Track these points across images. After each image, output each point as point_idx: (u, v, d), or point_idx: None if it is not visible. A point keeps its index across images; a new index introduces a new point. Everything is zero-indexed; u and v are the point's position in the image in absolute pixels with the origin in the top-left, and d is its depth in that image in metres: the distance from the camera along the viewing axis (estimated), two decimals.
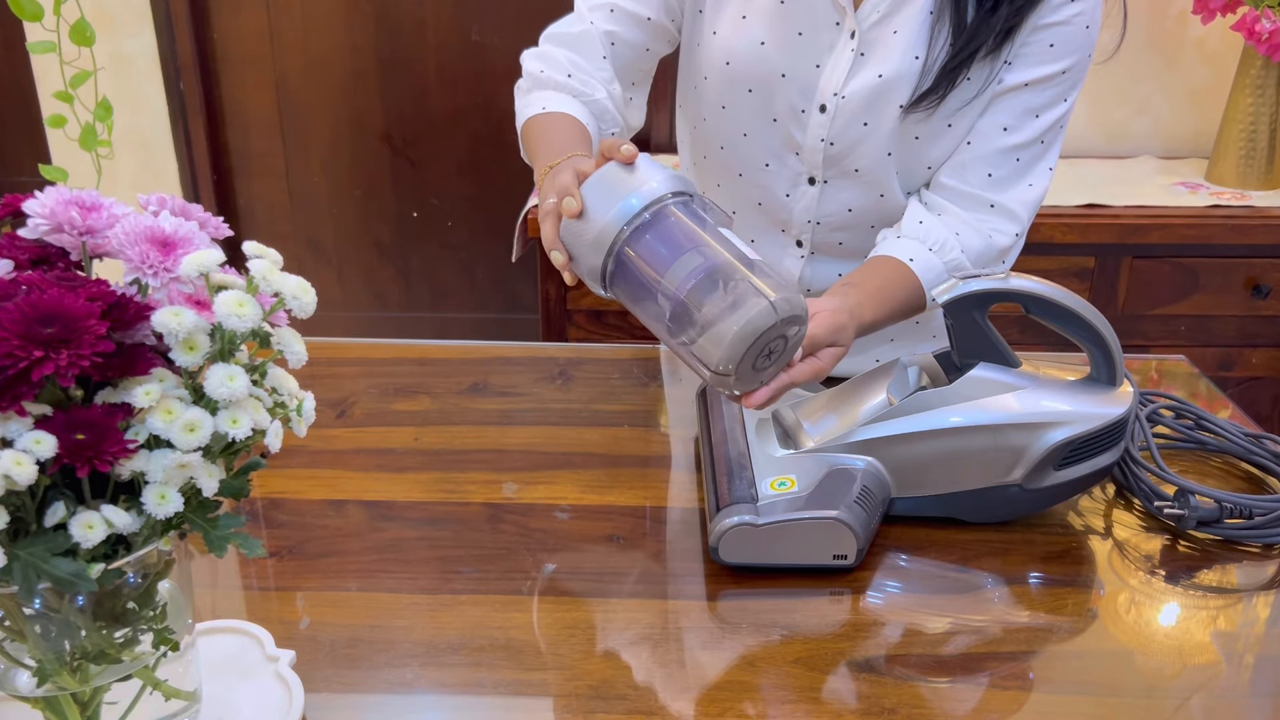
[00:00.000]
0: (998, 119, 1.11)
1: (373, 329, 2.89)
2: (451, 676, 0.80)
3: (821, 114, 1.11)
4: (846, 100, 1.10)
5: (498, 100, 2.65)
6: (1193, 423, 1.12)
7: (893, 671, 0.81)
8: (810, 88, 1.11)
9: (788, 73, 1.10)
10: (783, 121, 1.13)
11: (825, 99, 1.10)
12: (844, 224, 1.18)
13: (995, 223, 1.13)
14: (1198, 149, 2.49)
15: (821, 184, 1.15)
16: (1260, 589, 0.92)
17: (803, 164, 1.15)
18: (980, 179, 1.13)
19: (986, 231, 1.13)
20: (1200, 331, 2.17)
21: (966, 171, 1.13)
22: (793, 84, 1.11)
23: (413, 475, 1.06)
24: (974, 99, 1.09)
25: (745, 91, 1.12)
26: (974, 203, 1.13)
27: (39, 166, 1.18)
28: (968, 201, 1.13)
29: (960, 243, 1.12)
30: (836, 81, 1.10)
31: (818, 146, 1.13)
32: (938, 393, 0.94)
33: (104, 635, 0.62)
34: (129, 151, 2.67)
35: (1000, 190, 1.13)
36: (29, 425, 0.55)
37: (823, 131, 1.12)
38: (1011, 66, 1.09)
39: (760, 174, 1.17)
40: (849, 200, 1.16)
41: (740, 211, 1.21)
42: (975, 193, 1.13)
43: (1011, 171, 1.13)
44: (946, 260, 1.12)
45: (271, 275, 0.63)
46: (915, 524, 0.98)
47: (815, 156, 1.14)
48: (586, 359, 1.30)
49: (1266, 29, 2.08)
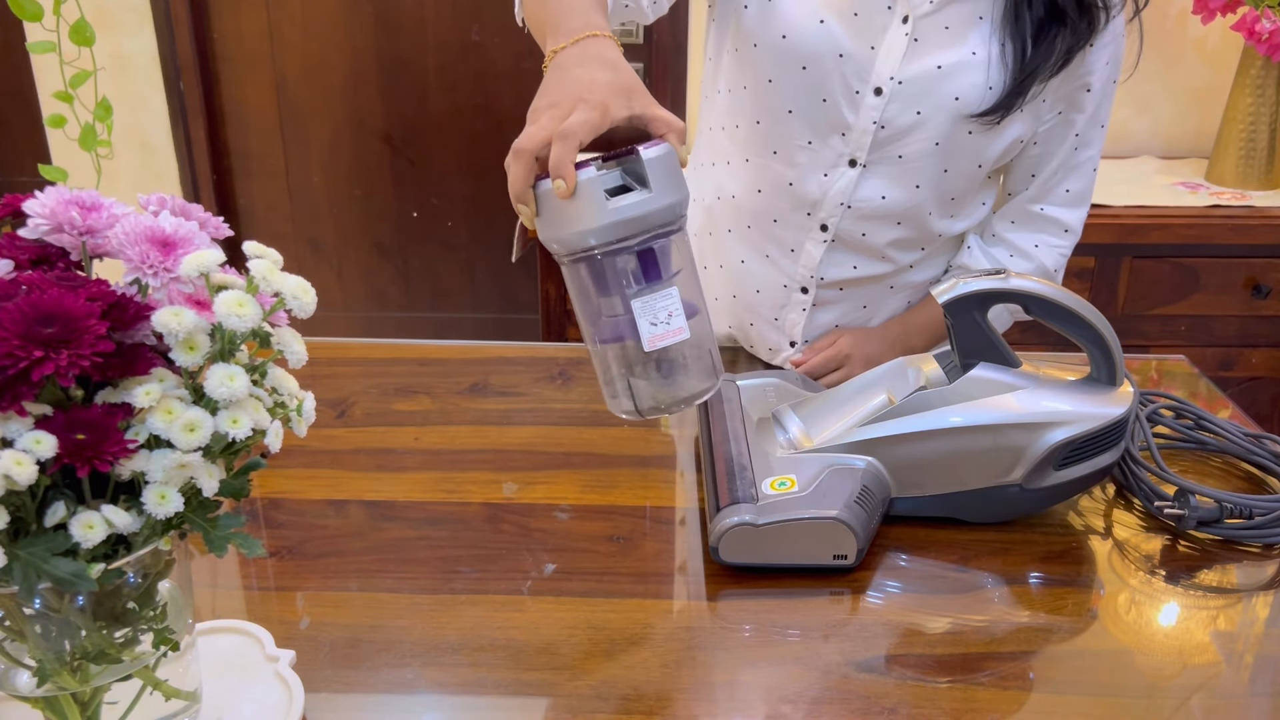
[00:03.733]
0: (1068, 131, 1.17)
1: (373, 329, 2.89)
2: (451, 676, 0.80)
3: (877, 96, 1.10)
4: (904, 86, 1.10)
5: (498, 100, 2.64)
6: (1193, 423, 1.12)
7: (893, 671, 0.81)
8: (866, 69, 1.10)
9: (845, 52, 1.09)
10: (833, 101, 1.12)
11: (881, 82, 1.10)
12: (874, 213, 1.17)
13: (1064, 245, 1.24)
14: (1198, 149, 2.49)
15: (862, 168, 1.15)
16: (1260, 589, 0.92)
17: (847, 145, 1.14)
18: (1058, 196, 1.21)
19: (1050, 261, 1.24)
20: (1200, 331, 2.17)
21: (1048, 192, 1.21)
22: (849, 64, 1.10)
23: (413, 475, 1.06)
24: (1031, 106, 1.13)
25: (799, 68, 1.10)
26: (1053, 228, 1.23)
27: (39, 166, 1.18)
28: (1045, 226, 1.23)
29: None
30: (893, 65, 1.09)
31: (869, 129, 1.12)
32: (938, 393, 0.94)
33: (104, 635, 0.62)
34: (129, 151, 2.67)
35: (1070, 209, 1.22)
36: (29, 425, 0.55)
37: (876, 114, 1.11)
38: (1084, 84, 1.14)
39: (799, 152, 1.15)
40: (885, 187, 1.16)
41: (766, 191, 1.20)
42: (1054, 216, 1.22)
43: (1082, 186, 1.21)
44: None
45: (272, 275, 0.63)
46: (915, 524, 0.98)
47: (864, 139, 1.13)
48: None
49: (1266, 29, 2.08)
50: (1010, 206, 1.24)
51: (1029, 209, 1.22)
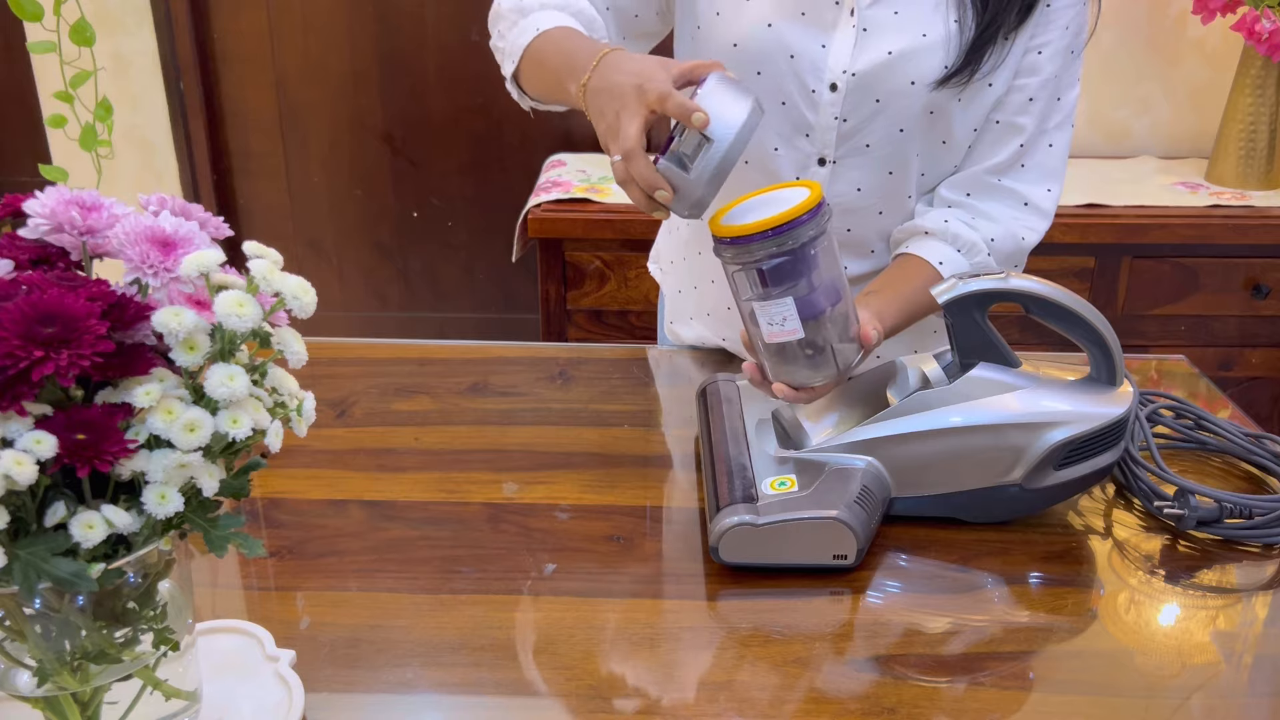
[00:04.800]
0: (1024, 100, 1.13)
1: (373, 329, 2.89)
2: (451, 676, 0.80)
3: (833, 92, 1.11)
4: (858, 78, 1.10)
5: (498, 100, 2.64)
6: (1193, 423, 1.12)
7: (893, 671, 0.81)
8: (819, 67, 1.10)
9: (796, 53, 1.10)
10: (792, 103, 1.12)
11: (835, 77, 1.10)
12: (853, 206, 1.17)
13: (1029, 220, 1.16)
14: (1198, 149, 2.49)
15: (832, 164, 1.15)
16: (1260, 589, 0.92)
17: (813, 145, 1.14)
18: (1015, 170, 1.16)
19: (1020, 231, 1.16)
20: (1200, 331, 2.17)
21: (1001, 162, 1.15)
22: (802, 63, 1.10)
23: (413, 475, 1.06)
24: (993, 73, 1.10)
25: (753, 75, 1.11)
26: (1010, 199, 1.16)
27: (39, 166, 1.18)
28: (1004, 197, 1.16)
29: (992, 247, 1.15)
30: (844, 59, 1.10)
31: (831, 125, 1.12)
32: (938, 393, 0.94)
33: (104, 635, 0.62)
34: (129, 151, 2.67)
35: (1032, 184, 1.16)
36: (29, 425, 0.55)
37: (835, 109, 1.11)
38: (1038, 47, 1.11)
39: (768, 159, 1.16)
40: (859, 179, 1.15)
41: None
42: (1012, 187, 1.16)
43: (1042, 161, 1.16)
44: (974, 262, 1.14)
45: (272, 275, 0.63)
46: (915, 524, 0.98)
47: (828, 135, 1.13)
48: (586, 359, 1.30)
49: (1266, 29, 2.08)
50: (964, 175, 1.17)
51: (985, 179, 1.16)
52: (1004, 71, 1.11)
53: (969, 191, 1.17)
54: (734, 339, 1.31)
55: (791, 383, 0.96)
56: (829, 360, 0.95)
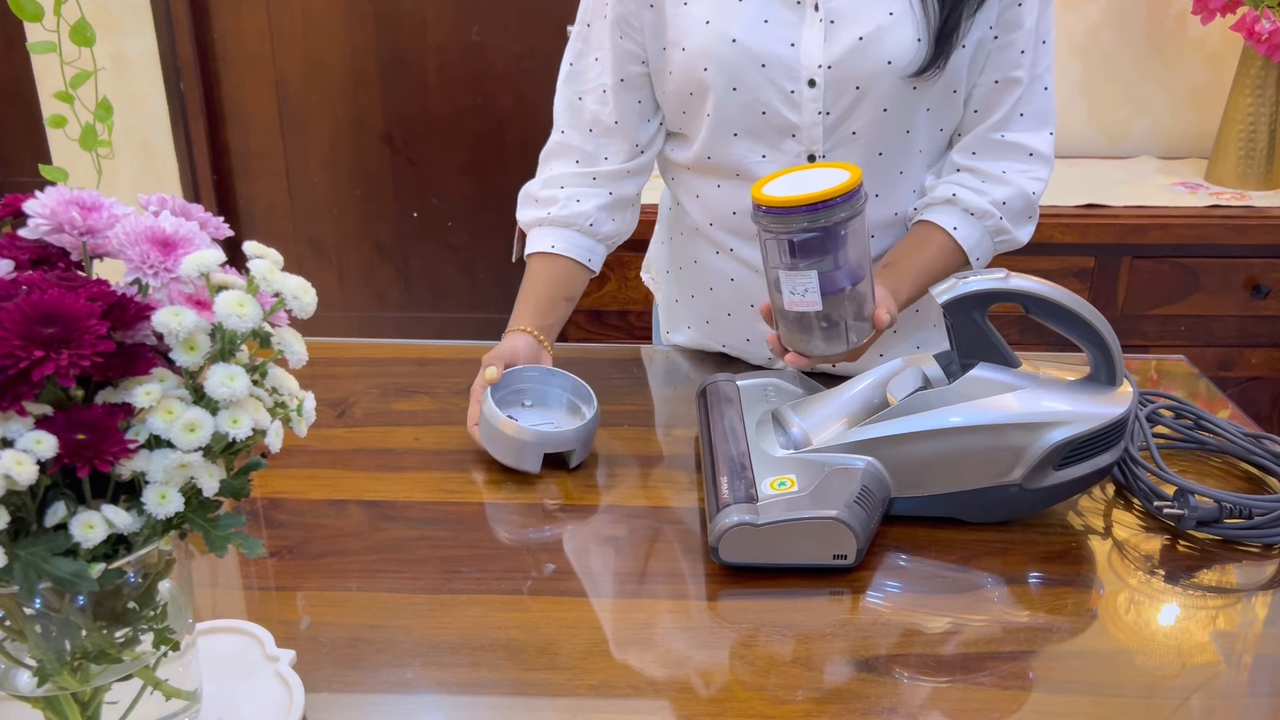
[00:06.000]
0: (1015, 55, 1.14)
1: (373, 329, 2.89)
2: (451, 676, 0.80)
3: (812, 88, 1.11)
4: (833, 69, 1.10)
5: (498, 100, 2.65)
6: (1192, 423, 1.12)
7: (892, 671, 0.81)
8: (793, 67, 1.11)
9: (768, 60, 1.10)
10: (773, 110, 1.12)
11: (812, 73, 1.11)
12: None
13: (1036, 170, 1.19)
14: (1198, 149, 2.49)
15: (821, 159, 1.15)
16: (1260, 589, 0.92)
17: (800, 144, 1.14)
18: (1015, 121, 1.17)
19: (1029, 186, 1.18)
20: (1200, 331, 2.18)
21: (1002, 117, 1.17)
22: (775, 69, 1.11)
23: (413, 475, 1.06)
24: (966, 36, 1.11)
25: (730, 90, 1.12)
26: (1016, 153, 1.18)
27: (39, 166, 1.18)
28: (1010, 152, 1.18)
29: (1004, 210, 1.17)
30: (817, 54, 1.10)
31: (816, 120, 1.13)
32: (938, 393, 0.94)
33: (104, 635, 0.62)
34: (129, 151, 2.67)
35: (1033, 131, 1.18)
36: (29, 425, 0.55)
37: (817, 105, 1.12)
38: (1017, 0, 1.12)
39: (759, 167, 1.16)
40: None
41: (741, 212, 1.20)
42: (1016, 140, 1.17)
43: (1040, 107, 1.18)
44: (987, 226, 1.18)
45: (272, 275, 0.63)
46: (915, 524, 0.98)
47: (814, 131, 1.13)
48: (586, 359, 1.30)
49: (1266, 29, 2.08)
50: (970, 138, 1.19)
51: (989, 137, 1.18)
52: (975, 31, 1.11)
53: (975, 151, 1.18)
54: (733, 345, 1.31)
55: (804, 353, 1.01)
56: (841, 336, 1.00)
